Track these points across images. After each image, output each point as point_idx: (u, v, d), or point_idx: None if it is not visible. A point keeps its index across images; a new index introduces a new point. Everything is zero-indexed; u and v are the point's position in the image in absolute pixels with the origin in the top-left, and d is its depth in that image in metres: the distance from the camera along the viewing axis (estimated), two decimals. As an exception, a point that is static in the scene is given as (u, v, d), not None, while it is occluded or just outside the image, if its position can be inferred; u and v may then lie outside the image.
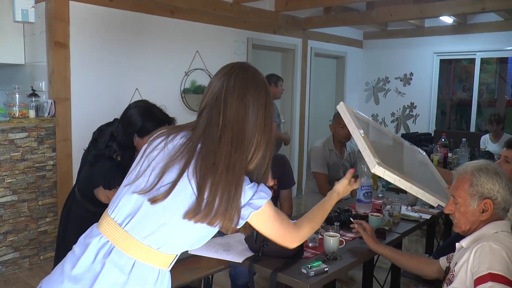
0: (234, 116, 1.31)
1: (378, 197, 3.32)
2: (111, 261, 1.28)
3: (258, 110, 1.33)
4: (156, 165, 1.30)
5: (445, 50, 7.20)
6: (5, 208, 3.75)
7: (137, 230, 1.29)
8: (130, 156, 2.19)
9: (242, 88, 1.33)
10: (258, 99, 1.34)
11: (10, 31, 4.26)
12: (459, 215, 1.80)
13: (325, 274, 1.95)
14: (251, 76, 1.36)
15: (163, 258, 1.32)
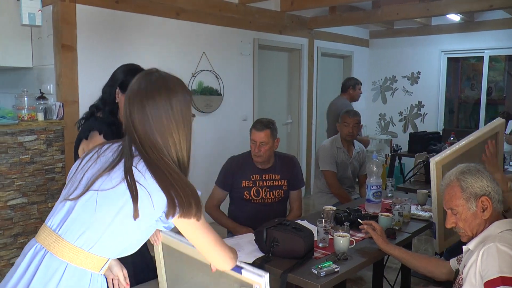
0: (139, 125, 1.37)
1: (387, 197, 3.30)
2: (44, 266, 1.31)
3: (159, 117, 1.37)
4: (88, 174, 1.38)
5: (452, 48, 7.16)
6: (15, 211, 3.77)
7: (69, 232, 1.32)
8: (109, 111, 2.24)
9: (140, 96, 1.38)
10: (157, 105, 1.37)
11: (18, 34, 4.28)
12: (463, 223, 1.79)
13: (335, 274, 1.94)
14: (150, 82, 1.40)
15: (95, 261, 1.34)
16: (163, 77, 1.42)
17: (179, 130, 1.39)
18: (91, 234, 1.31)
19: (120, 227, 1.32)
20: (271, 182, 2.99)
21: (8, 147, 3.69)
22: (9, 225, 3.74)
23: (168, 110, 1.37)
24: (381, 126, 8.03)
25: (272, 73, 6.34)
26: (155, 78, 1.41)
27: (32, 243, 1.38)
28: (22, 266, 1.34)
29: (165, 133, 1.37)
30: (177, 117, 1.38)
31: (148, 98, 1.36)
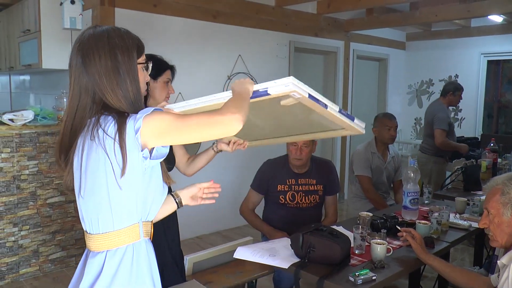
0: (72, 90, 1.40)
1: (424, 204, 3.23)
2: (88, 265, 1.36)
3: (94, 74, 1.34)
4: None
5: (493, 50, 6.94)
6: (54, 209, 3.87)
7: (91, 225, 1.37)
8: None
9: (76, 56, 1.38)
10: (93, 62, 1.35)
11: (59, 38, 4.41)
12: (494, 227, 1.77)
13: (373, 282, 1.90)
14: (81, 41, 1.39)
15: (127, 233, 1.36)
16: (98, 31, 1.38)
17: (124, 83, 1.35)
18: (103, 215, 1.34)
19: (114, 184, 1.30)
20: (307, 186, 2.97)
21: (48, 147, 3.79)
22: (48, 222, 3.85)
23: (106, 64, 1.34)
24: (416, 130, 7.86)
25: (308, 76, 6.30)
26: (90, 33, 1.38)
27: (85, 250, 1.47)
28: (76, 271, 1.45)
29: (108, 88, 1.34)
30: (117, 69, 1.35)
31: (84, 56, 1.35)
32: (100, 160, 1.30)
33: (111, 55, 1.35)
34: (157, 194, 1.41)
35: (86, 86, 1.35)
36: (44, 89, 5.48)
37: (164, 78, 2.22)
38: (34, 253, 3.80)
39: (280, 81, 1.43)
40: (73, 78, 1.38)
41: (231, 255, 2.25)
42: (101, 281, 1.33)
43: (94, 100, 1.35)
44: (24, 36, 4.78)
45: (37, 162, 3.74)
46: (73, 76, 1.38)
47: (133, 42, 1.43)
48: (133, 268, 1.36)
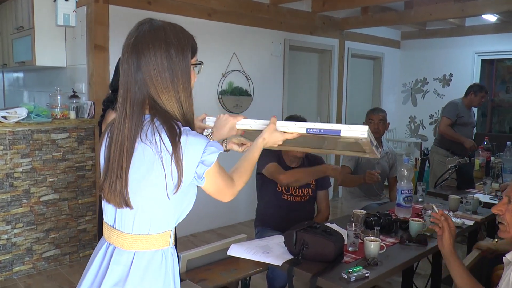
0: (123, 85, 1.32)
1: (418, 202, 3.24)
2: (115, 261, 1.34)
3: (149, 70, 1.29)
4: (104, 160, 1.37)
5: (487, 50, 6.97)
6: (48, 206, 3.86)
7: (124, 224, 1.34)
8: None
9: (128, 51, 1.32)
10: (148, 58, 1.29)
11: (53, 35, 4.40)
12: (510, 217, 1.70)
13: (365, 279, 1.90)
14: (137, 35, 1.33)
15: (159, 239, 1.35)
16: (155, 27, 1.33)
17: (178, 84, 1.31)
18: (143, 217, 1.32)
19: (164, 197, 1.29)
20: None
21: (42, 144, 3.78)
22: (41, 220, 3.83)
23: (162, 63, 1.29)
24: (411, 129, 7.89)
25: (302, 74, 6.31)
26: (144, 28, 1.33)
27: (102, 242, 1.43)
28: (95, 264, 1.39)
29: (163, 88, 1.29)
30: (173, 69, 1.30)
31: (139, 52, 1.29)
32: (153, 168, 1.26)
33: (167, 54, 1.30)
34: (192, 203, 1.41)
35: (141, 83, 1.29)
36: (38, 86, 5.46)
37: None
38: (27, 251, 3.78)
39: (355, 127, 1.57)
40: (127, 73, 1.30)
41: (225, 252, 2.25)
42: (130, 280, 1.31)
43: (146, 98, 1.30)
44: (17, 33, 4.75)
45: (31, 160, 3.72)
46: (126, 70, 1.31)
47: (188, 42, 1.37)
48: (160, 272, 1.36)
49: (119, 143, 1.28)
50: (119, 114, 1.31)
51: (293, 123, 1.63)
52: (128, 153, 1.28)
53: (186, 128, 1.29)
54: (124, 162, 1.28)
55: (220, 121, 1.67)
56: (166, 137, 1.25)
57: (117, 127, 1.30)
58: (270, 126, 1.59)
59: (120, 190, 1.28)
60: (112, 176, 1.29)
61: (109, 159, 1.32)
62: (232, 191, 1.44)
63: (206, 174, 1.30)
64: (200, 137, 1.30)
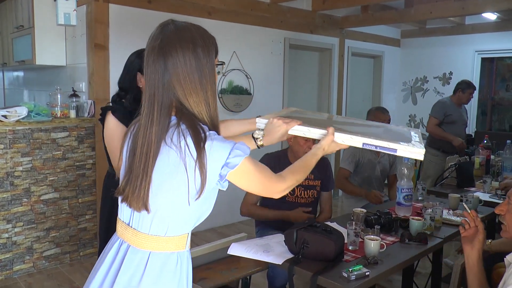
0: (149, 86, 1.30)
1: (418, 200, 3.24)
2: (128, 259, 1.33)
3: (177, 71, 1.27)
4: (125, 161, 1.36)
5: (487, 48, 6.96)
6: (48, 205, 3.86)
7: (141, 223, 1.34)
8: (133, 98, 2.27)
9: (155, 53, 1.30)
10: (175, 59, 1.28)
11: (53, 34, 4.40)
12: (510, 217, 1.70)
13: (366, 278, 1.90)
14: (163, 37, 1.31)
15: (176, 241, 1.35)
16: (180, 28, 1.31)
17: (206, 85, 1.30)
18: (161, 219, 1.32)
19: (185, 202, 1.28)
20: (306, 181, 2.98)
21: (42, 143, 3.78)
22: (42, 219, 3.84)
23: (191, 61, 1.28)
24: (411, 127, 7.88)
25: (303, 73, 6.31)
26: (169, 29, 1.31)
27: (115, 238, 1.42)
28: (108, 260, 1.37)
29: (191, 89, 1.28)
30: (201, 65, 1.29)
31: (167, 53, 1.27)
32: (177, 172, 1.25)
33: (195, 55, 1.28)
34: (211, 207, 1.40)
35: (168, 86, 1.27)
36: (38, 85, 5.46)
37: None
38: (28, 250, 3.79)
39: (412, 149, 1.59)
40: (153, 76, 1.28)
41: (226, 251, 2.25)
42: (145, 281, 1.31)
43: (173, 101, 1.29)
44: (17, 32, 4.75)
45: (31, 159, 3.72)
46: (152, 74, 1.28)
47: (212, 42, 1.36)
48: (175, 275, 1.35)
49: (145, 148, 1.27)
50: (145, 118, 1.29)
51: (349, 137, 1.65)
52: (153, 158, 1.26)
53: (212, 132, 1.28)
54: (149, 168, 1.26)
55: (273, 126, 1.66)
56: (191, 141, 1.23)
57: (143, 131, 1.28)
58: (329, 137, 1.62)
59: (142, 196, 1.27)
60: (136, 181, 1.28)
61: (132, 163, 1.31)
62: (281, 187, 1.43)
63: (231, 175, 1.28)
64: (225, 142, 1.28)
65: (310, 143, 2.83)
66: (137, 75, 2.28)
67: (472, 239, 1.81)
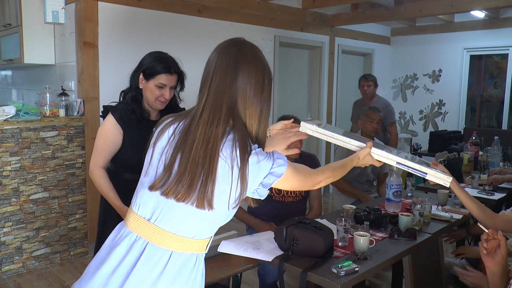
0: (216, 89, 1.32)
1: (407, 196, 3.26)
2: (147, 256, 1.30)
3: (246, 85, 1.33)
4: (165, 156, 1.33)
5: (475, 45, 7.03)
6: (37, 205, 3.84)
7: (168, 222, 1.31)
8: (132, 98, 2.23)
9: (229, 62, 1.34)
10: (248, 74, 1.33)
11: (42, 32, 4.36)
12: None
13: (355, 274, 1.92)
14: (241, 51, 1.36)
15: (199, 244, 1.35)
16: (253, 47, 1.41)
17: (264, 102, 1.39)
18: (191, 223, 1.31)
19: (225, 207, 1.30)
20: None
21: (31, 143, 3.75)
22: (31, 218, 3.81)
23: (261, 79, 1.36)
24: (401, 124, 7.93)
25: (293, 71, 6.32)
26: (248, 48, 1.40)
27: (125, 231, 1.36)
28: (118, 253, 1.32)
29: (250, 102, 1.34)
30: (266, 87, 1.38)
31: (239, 68, 1.33)
32: (224, 177, 1.27)
33: (264, 75, 1.37)
34: (231, 216, 1.40)
35: (232, 95, 1.32)
36: (27, 84, 5.42)
37: (155, 82, 2.19)
38: (17, 250, 3.76)
39: (441, 176, 1.80)
40: (221, 83, 1.32)
41: (216, 249, 2.25)
42: (163, 279, 1.29)
43: (230, 109, 1.32)
44: (5, 30, 4.71)
45: (20, 158, 3.70)
46: (220, 80, 1.32)
47: (269, 68, 1.45)
48: (191, 275, 1.35)
49: (210, 145, 1.27)
50: (210, 116, 1.30)
51: (386, 154, 1.80)
52: (218, 155, 1.27)
53: (255, 145, 1.33)
54: (215, 165, 1.26)
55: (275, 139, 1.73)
56: (239, 152, 1.27)
57: (205, 129, 1.28)
58: (366, 150, 1.78)
59: (206, 193, 1.26)
60: (195, 177, 1.26)
61: (178, 159, 1.29)
62: (317, 179, 1.56)
63: (277, 183, 1.39)
64: (267, 155, 1.34)
65: (297, 142, 2.85)
66: (141, 78, 2.24)
67: (493, 252, 1.72)
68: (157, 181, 1.30)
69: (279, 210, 2.95)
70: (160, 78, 2.19)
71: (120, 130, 2.20)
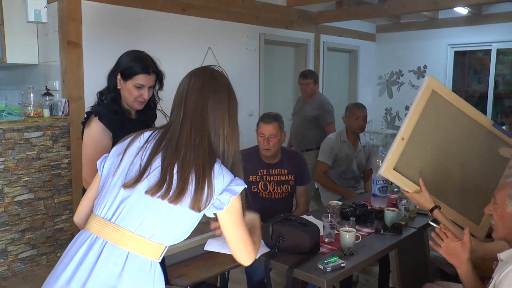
0: (192, 107, 1.43)
1: (393, 192, 3.29)
2: (105, 257, 1.33)
3: (218, 108, 1.44)
4: (140, 159, 1.40)
5: (459, 42, 7.10)
6: (22, 206, 3.79)
7: (128, 221, 1.35)
8: (111, 98, 2.20)
9: (201, 85, 1.45)
10: (218, 97, 1.45)
11: (24, 31, 4.30)
12: (497, 217, 1.72)
13: (341, 269, 1.93)
14: (210, 76, 1.48)
15: (155, 248, 1.37)
16: (221, 74, 1.52)
17: (231, 125, 1.46)
18: (152, 221, 1.35)
19: (181, 215, 1.36)
20: (279, 177, 2.99)
21: (15, 143, 3.71)
22: (16, 220, 3.77)
23: (226, 104, 1.45)
24: (387, 120, 7.99)
25: (278, 68, 6.33)
26: (217, 74, 1.50)
27: (86, 234, 1.39)
28: (78, 256, 1.34)
29: (218, 125, 1.44)
30: (231, 111, 1.47)
31: (210, 92, 1.44)
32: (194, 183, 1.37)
33: (231, 100, 1.49)
34: (189, 233, 1.47)
35: (206, 124, 1.42)
36: (10, 84, 5.34)
37: (133, 83, 2.16)
38: (2, 252, 3.71)
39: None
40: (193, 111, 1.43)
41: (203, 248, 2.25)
42: (123, 281, 1.31)
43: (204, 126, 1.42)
44: (-14, 30, 4.64)
45: (4, 160, 3.65)
46: (193, 108, 1.43)
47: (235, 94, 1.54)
48: (149, 281, 1.37)
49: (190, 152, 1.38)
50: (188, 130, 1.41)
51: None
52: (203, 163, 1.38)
53: (219, 161, 1.43)
54: (207, 177, 1.36)
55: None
56: (206, 161, 1.37)
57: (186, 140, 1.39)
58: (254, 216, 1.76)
59: (200, 197, 1.36)
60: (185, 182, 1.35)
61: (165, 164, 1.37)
62: (252, 251, 1.52)
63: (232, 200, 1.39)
64: (229, 173, 1.43)
65: (265, 139, 2.87)
66: (119, 79, 2.21)
67: (455, 251, 1.80)
68: (132, 181, 1.36)
69: (266, 207, 2.94)
70: (138, 78, 2.16)
71: (110, 135, 2.14)
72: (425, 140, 2.14)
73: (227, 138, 1.45)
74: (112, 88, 2.21)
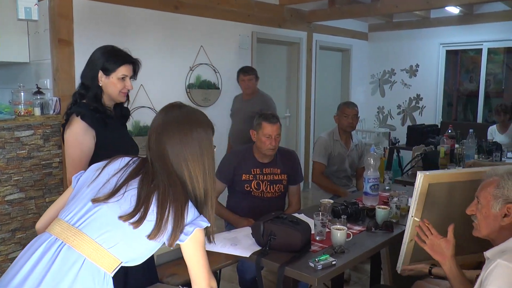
0: (154, 148, 1.49)
1: (384, 190, 3.30)
2: (61, 259, 1.33)
3: (178, 152, 1.47)
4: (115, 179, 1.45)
5: (451, 41, 7.14)
6: (13, 206, 3.77)
7: (91, 228, 1.36)
8: (93, 96, 2.19)
9: (161, 126, 1.50)
10: (173, 141, 1.47)
11: (14, 29, 4.25)
12: (481, 217, 1.72)
13: (332, 267, 1.94)
14: (175, 116, 1.52)
15: (111, 261, 1.37)
16: (186, 112, 1.54)
17: (195, 163, 1.48)
18: (114, 234, 1.36)
19: (142, 238, 1.39)
20: (272, 176, 2.99)
21: (5, 142, 3.68)
22: (7, 220, 3.74)
23: (186, 143, 1.47)
24: (379, 119, 8.02)
25: (271, 67, 6.33)
26: (178, 113, 1.53)
27: (45, 236, 1.40)
28: (33, 258, 1.34)
29: (181, 164, 1.47)
30: (194, 150, 1.48)
31: (168, 130, 1.47)
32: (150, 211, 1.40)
33: (204, 144, 1.51)
34: (145, 258, 1.50)
35: (178, 165, 1.47)
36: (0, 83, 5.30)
37: (117, 75, 2.18)
38: (-7, 251, 3.69)
39: None
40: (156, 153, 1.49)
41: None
42: (76, 285, 1.32)
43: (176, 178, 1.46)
44: (-23, 28, 4.60)
45: (-6, 158, 3.62)
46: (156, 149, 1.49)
47: (209, 126, 1.58)
48: None
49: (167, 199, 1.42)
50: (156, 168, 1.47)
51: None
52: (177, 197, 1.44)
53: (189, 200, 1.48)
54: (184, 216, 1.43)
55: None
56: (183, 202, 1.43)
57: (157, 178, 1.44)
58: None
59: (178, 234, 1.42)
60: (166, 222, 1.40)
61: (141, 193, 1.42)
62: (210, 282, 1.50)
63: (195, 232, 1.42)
64: (196, 211, 1.48)
65: (272, 140, 2.86)
66: (98, 73, 2.21)
67: (439, 249, 1.82)
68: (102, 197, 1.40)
69: (258, 206, 2.95)
70: (121, 70, 2.19)
71: (93, 134, 2.14)
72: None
73: (193, 179, 1.48)
74: (93, 86, 2.21)
